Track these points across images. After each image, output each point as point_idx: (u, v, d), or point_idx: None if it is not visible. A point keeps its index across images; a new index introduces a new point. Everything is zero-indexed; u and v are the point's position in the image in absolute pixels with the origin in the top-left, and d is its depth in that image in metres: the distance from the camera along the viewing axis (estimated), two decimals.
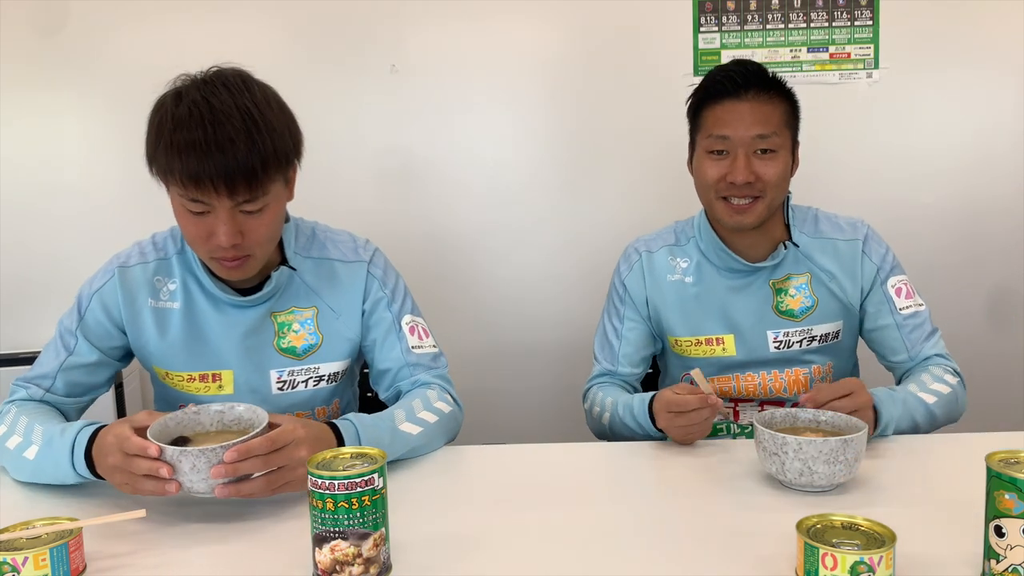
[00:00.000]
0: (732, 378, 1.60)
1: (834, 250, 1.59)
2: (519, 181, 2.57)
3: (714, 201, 1.53)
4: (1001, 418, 2.52)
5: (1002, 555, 0.88)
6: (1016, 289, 2.59)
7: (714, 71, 1.54)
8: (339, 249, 1.46)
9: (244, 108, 1.20)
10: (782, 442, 1.14)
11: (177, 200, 1.25)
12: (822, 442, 1.12)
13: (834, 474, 1.13)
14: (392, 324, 1.45)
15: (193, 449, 1.06)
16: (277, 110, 1.26)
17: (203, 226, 1.24)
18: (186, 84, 1.24)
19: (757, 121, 1.47)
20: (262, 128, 1.20)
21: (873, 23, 2.48)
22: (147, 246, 1.43)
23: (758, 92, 1.48)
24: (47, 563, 0.92)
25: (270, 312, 1.40)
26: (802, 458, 1.13)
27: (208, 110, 1.18)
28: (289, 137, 1.26)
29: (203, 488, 1.07)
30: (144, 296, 1.39)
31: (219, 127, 1.17)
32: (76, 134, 2.53)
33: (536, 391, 2.64)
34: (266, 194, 1.24)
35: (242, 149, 1.18)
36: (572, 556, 1.01)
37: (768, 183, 1.48)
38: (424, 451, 1.36)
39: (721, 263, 1.59)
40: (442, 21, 2.50)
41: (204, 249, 1.28)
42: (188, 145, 1.17)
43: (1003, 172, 2.54)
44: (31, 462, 1.21)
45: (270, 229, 1.30)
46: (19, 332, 2.47)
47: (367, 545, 0.91)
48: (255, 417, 1.16)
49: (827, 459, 1.12)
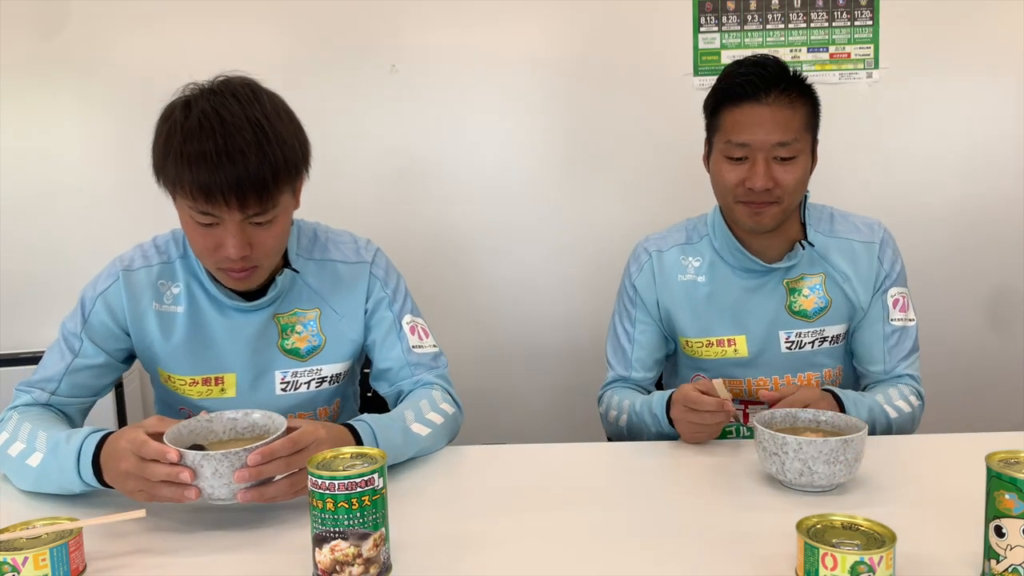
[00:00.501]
0: (743, 380, 1.59)
1: (851, 251, 1.57)
2: (519, 181, 2.57)
3: (733, 204, 1.51)
4: (1001, 418, 2.53)
5: (1002, 555, 0.88)
6: (1016, 289, 2.59)
7: (734, 69, 1.49)
8: (341, 250, 1.46)
9: (254, 119, 1.19)
10: (782, 442, 1.14)
11: (185, 212, 1.24)
12: (822, 442, 1.12)
13: (834, 474, 1.13)
14: (393, 323, 1.45)
15: (216, 453, 1.04)
16: (287, 120, 1.25)
17: (211, 238, 1.24)
18: (195, 93, 1.22)
19: (778, 127, 1.44)
20: (272, 139, 1.19)
21: (873, 23, 2.48)
22: (149, 249, 1.42)
23: (779, 95, 1.44)
24: (47, 563, 0.92)
25: (274, 315, 1.40)
26: (802, 458, 1.13)
27: (218, 122, 1.17)
28: (298, 147, 1.26)
29: (224, 494, 1.05)
30: (148, 299, 1.38)
31: (230, 139, 1.16)
32: (76, 134, 2.53)
33: (537, 391, 2.64)
34: (276, 206, 1.24)
35: (253, 161, 1.17)
36: (572, 556, 1.01)
37: (786, 188, 1.46)
38: (429, 452, 1.36)
39: (736, 263, 1.57)
40: (442, 21, 2.50)
41: (211, 260, 1.27)
42: (198, 157, 1.16)
43: (1003, 172, 2.54)
44: (34, 469, 1.19)
45: (279, 240, 1.29)
46: (19, 332, 2.47)
47: (367, 545, 0.91)
48: (271, 423, 1.15)
49: (827, 459, 1.12)
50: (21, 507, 1.18)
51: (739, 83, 1.46)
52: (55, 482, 1.18)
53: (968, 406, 2.57)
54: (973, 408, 2.58)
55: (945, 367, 2.59)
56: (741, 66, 1.48)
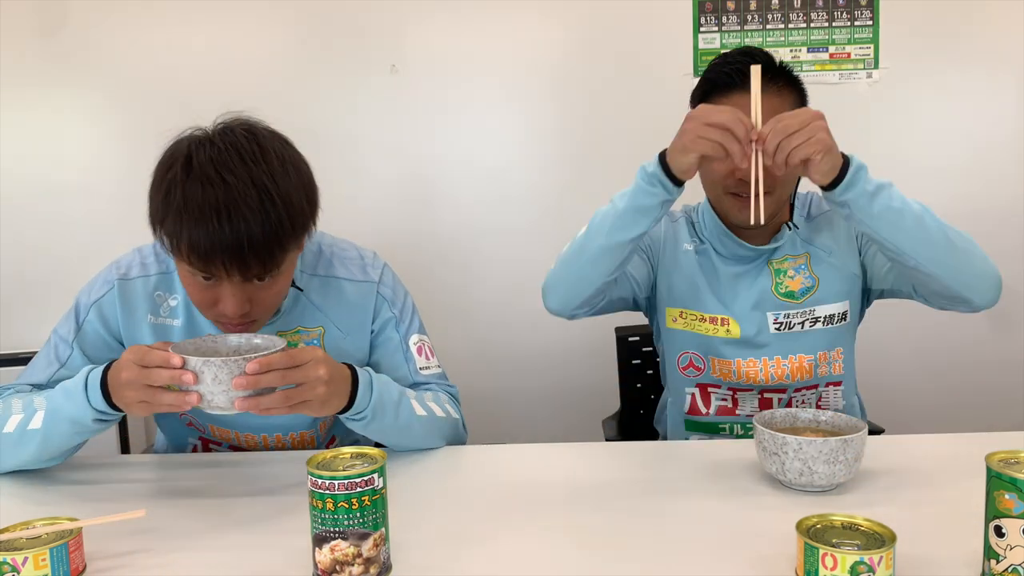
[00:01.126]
0: (732, 362, 1.56)
1: (828, 223, 1.58)
2: (519, 181, 2.57)
3: (722, 196, 1.51)
4: (1001, 418, 2.53)
5: (1002, 555, 0.88)
6: (1016, 290, 2.58)
7: (719, 62, 1.48)
8: (347, 268, 1.43)
9: (260, 183, 1.13)
10: (782, 442, 1.14)
11: (183, 267, 1.20)
12: (822, 442, 1.12)
13: (834, 474, 1.13)
14: (399, 344, 1.43)
15: (216, 360, 1.05)
16: (294, 176, 1.19)
17: (209, 294, 1.21)
18: (195, 146, 1.16)
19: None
20: (279, 204, 1.14)
21: (873, 23, 2.48)
22: (148, 257, 1.38)
23: (765, 84, 1.37)
24: (47, 563, 0.92)
25: (276, 333, 1.36)
26: (802, 458, 1.13)
27: (222, 188, 1.11)
28: (306, 205, 1.20)
29: (223, 401, 1.07)
30: (143, 311, 1.35)
31: (234, 208, 1.11)
32: (76, 134, 2.53)
33: (537, 392, 2.64)
34: (278, 268, 1.20)
35: (257, 232, 1.12)
36: (572, 556, 1.01)
37: (777, 178, 1.42)
38: (420, 442, 1.35)
39: (726, 251, 1.57)
40: (442, 21, 2.50)
41: (209, 314, 1.25)
42: (199, 224, 1.11)
43: (1003, 172, 2.54)
44: (39, 431, 1.18)
45: (280, 296, 1.28)
46: (19, 332, 2.47)
47: (367, 545, 0.91)
48: (272, 344, 1.15)
49: (827, 459, 1.12)
50: (21, 507, 1.18)
51: (726, 72, 1.45)
52: (64, 431, 1.18)
53: (968, 406, 2.57)
54: (973, 408, 2.58)
55: (945, 367, 2.59)
56: (726, 59, 1.48)
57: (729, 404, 1.60)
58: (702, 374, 1.60)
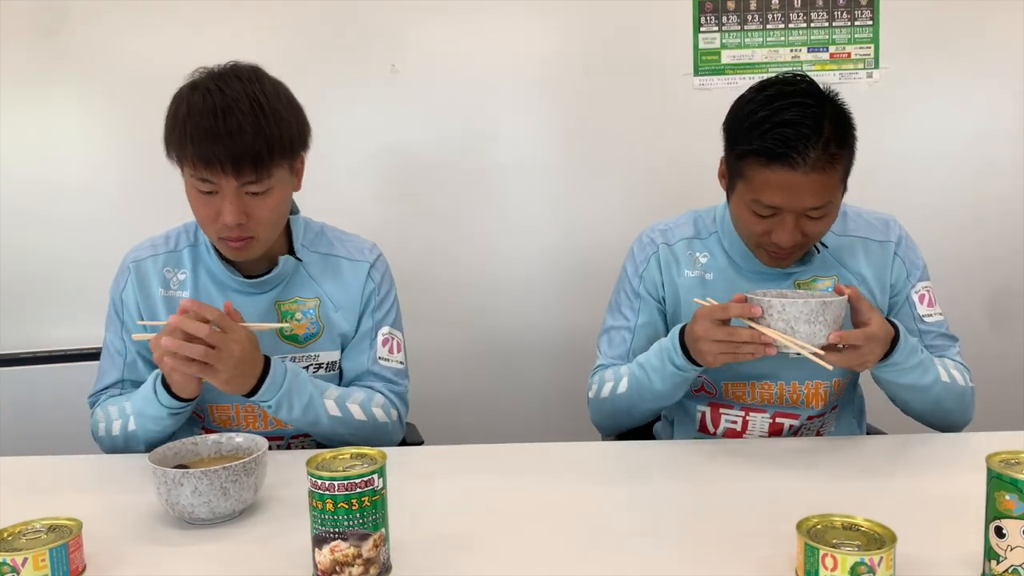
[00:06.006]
0: (747, 385, 1.49)
1: (865, 250, 1.49)
2: (518, 180, 2.57)
3: (754, 248, 1.44)
4: (1001, 418, 2.53)
5: (1002, 556, 0.88)
6: (1016, 290, 2.59)
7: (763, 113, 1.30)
8: (345, 247, 1.54)
9: (253, 96, 1.29)
10: (767, 305, 1.22)
11: (189, 181, 1.33)
12: (803, 303, 1.20)
13: (814, 334, 1.20)
14: (369, 331, 1.51)
15: (195, 471, 1.09)
16: (285, 102, 1.35)
17: (211, 206, 1.32)
18: (202, 75, 1.34)
19: (814, 193, 1.29)
20: (269, 115, 1.29)
21: (873, 23, 2.48)
22: (159, 240, 1.52)
23: (818, 159, 1.27)
24: (47, 563, 0.92)
25: (275, 301, 1.47)
26: (785, 318, 1.20)
27: (220, 98, 1.28)
28: (295, 127, 1.35)
29: (204, 513, 1.10)
30: (156, 286, 1.48)
31: (229, 114, 1.27)
32: (76, 134, 2.52)
33: (536, 392, 2.64)
34: (270, 177, 1.32)
35: (249, 133, 1.27)
36: (572, 556, 1.01)
37: (813, 237, 1.37)
38: (329, 439, 1.43)
39: (747, 266, 1.48)
40: (442, 21, 2.49)
41: (212, 229, 1.36)
42: (199, 130, 1.27)
43: (1003, 172, 2.54)
44: (136, 432, 1.38)
45: (274, 212, 1.36)
46: (19, 332, 2.47)
47: (367, 546, 0.91)
48: (254, 444, 1.20)
49: (807, 319, 1.20)
50: (21, 507, 1.18)
51: (772, 140, 1.28)
52: (152, 428, 1.37)
53: None
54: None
55: None
56: (779, 117, 1.28)
57: (738, 427, 1.52)
58: (714, 397, 1.53)
